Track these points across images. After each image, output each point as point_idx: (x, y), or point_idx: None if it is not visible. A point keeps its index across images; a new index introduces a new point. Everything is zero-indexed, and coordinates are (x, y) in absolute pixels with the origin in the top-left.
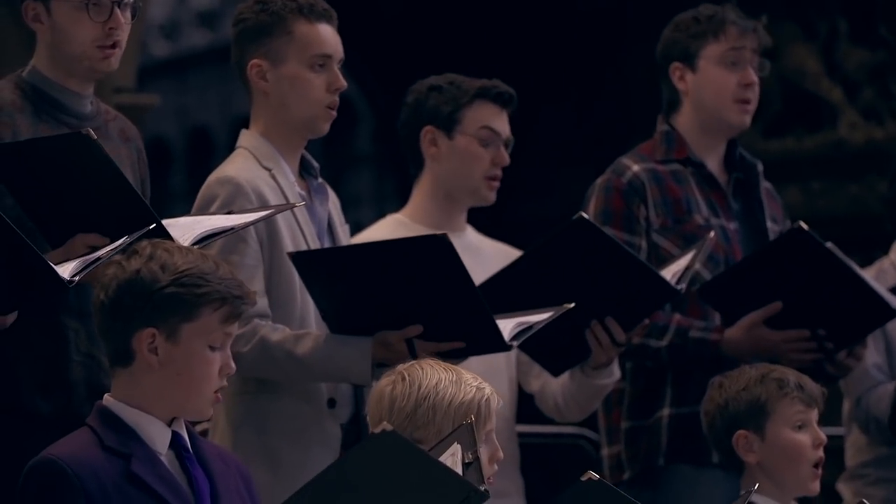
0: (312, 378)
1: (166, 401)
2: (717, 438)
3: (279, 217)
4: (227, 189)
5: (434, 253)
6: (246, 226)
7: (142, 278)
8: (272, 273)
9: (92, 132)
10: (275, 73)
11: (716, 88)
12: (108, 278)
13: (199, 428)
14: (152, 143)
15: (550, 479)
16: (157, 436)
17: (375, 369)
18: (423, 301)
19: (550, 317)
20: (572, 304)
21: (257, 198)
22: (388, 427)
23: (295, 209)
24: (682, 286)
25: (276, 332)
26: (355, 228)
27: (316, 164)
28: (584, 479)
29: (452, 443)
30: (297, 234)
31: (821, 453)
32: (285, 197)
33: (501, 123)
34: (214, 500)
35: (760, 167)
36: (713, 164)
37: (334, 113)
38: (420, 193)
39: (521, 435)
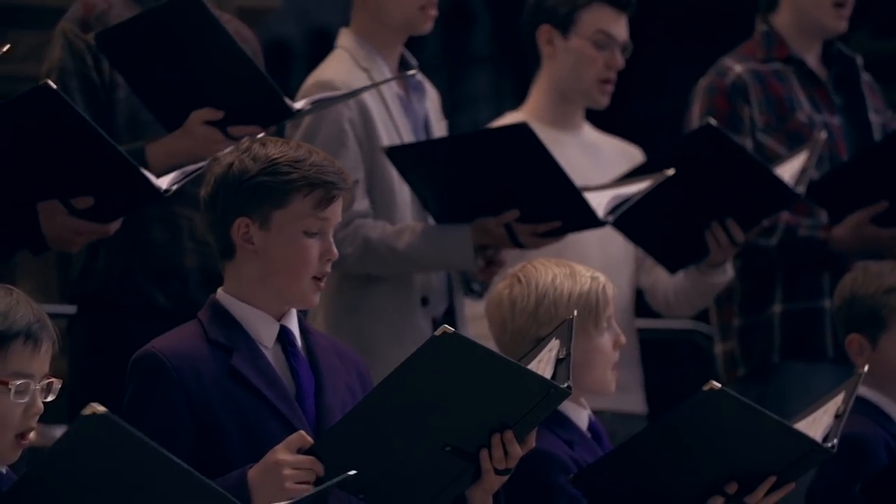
0: (417, 268)
1: (268, 290)
2: (835, 330)
3: (376, 116)
4: (325, 92)
5: (519, 141)
6: (350, 96)
7: (233, 170)
8: (372, 171)
9: None
10: None
11: None
12: (209, 174)
13: None
14: (273, 45)
15: (665, 373)
16: (264, 329)
17: (476, 253)
18: (516, 186)
19: (649, 187)
20: (671, 171)
21: (354, 100)
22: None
23: (392, 108)
24: (801, 189)
25: (377, 229)
26: (473, 126)
27: (414, 62)
28: (706, 388)
29: (552, 338)
30: (392, 131)
31: None
32: (381, 97)
33: (618, 27)
34: (318, 395)
35: (860, 60)
36: (812, 60)
37: (433, 12)
38: (537, 92)
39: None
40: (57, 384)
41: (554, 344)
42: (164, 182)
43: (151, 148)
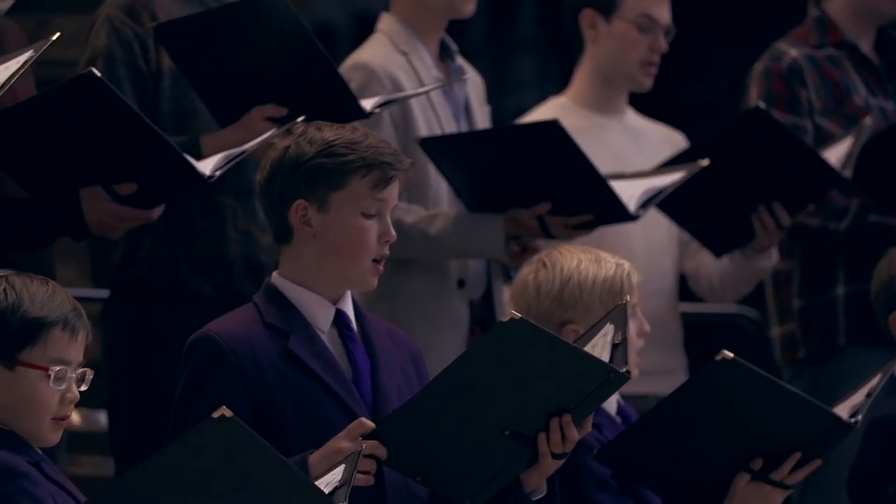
0: (448, 255)
1: (326, 273)
2: (879, 313)
3: (414, 100)
4: (361, 75)
5: (550, 138)
6: (417, 94)
7: (290, 154)
8: (407, 154)
9: None
10: None
11: None
12: (265, 159)
13: None
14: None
15: (710, 358)
16: (320, 313)
17: (508, 244)
18: (548, 180)
19: (682, 178)
20: (706, 162)
21: (391, 83)
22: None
23: (430, 91)
24: (848, 172)
25: (410, 214)
26: (517, 111)
27: (454, 47)
28: (718, 358)
29: (606, 323)
30: (431, 115)
31: None
32: (420, 81)
33: (661, 11)
34: (374, 379)
35: None
36: (866, 46)
37: None
38: (580, 76)
39: (681, 314)
40: (90, 374)
41: (608, 329)
42: (207, 168)
43: (206, 140)
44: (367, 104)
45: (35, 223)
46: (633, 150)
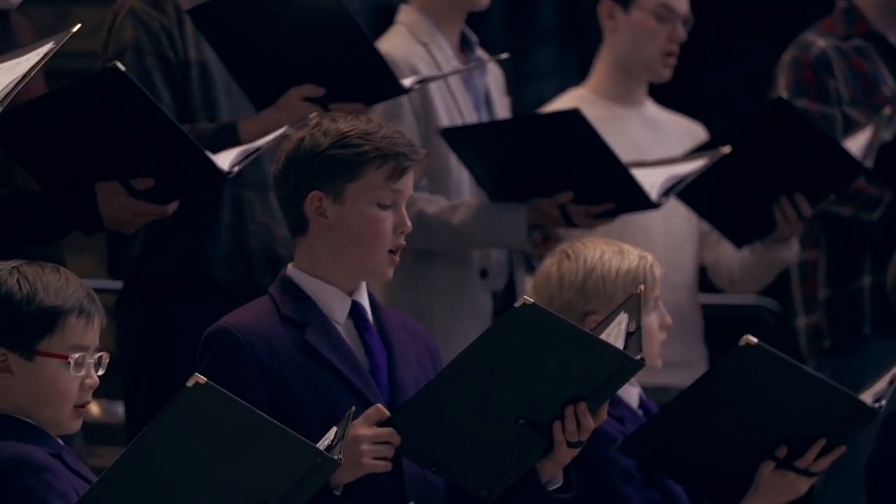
0: (470, 245)
1: (342, 264)
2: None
3: (434, 90)
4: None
5: (571, 126)
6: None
7: (305, 145)
8: (428, 145)
9: None
10: None
11: None
12: (279, 151)
13: None
14: None
15: (730, 349)
16: (336, 305)
17: (530, 232)
18: (570, 169)
19: (704, 166)
20: (728, 149)
21: (412, 74)
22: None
23: (451, 82)
24: (869, 163)
25: (432, 204)
26: (537, 103)
27: (474, 38)
28: (741, 343)
29: (620, 312)
30: (452, 106)
31: None
32: (441, 72)
33: (679, 1)
34: (391, 371)
35: None
36: (893, 37)
37: None
38: (600, 67)
39: (701, 305)
40: (106, 358)
41: (623, 318)
42: (225, 163)
43: (244, 124)
44: (406, 82)
45: (48, 217)
46: (653, 142)
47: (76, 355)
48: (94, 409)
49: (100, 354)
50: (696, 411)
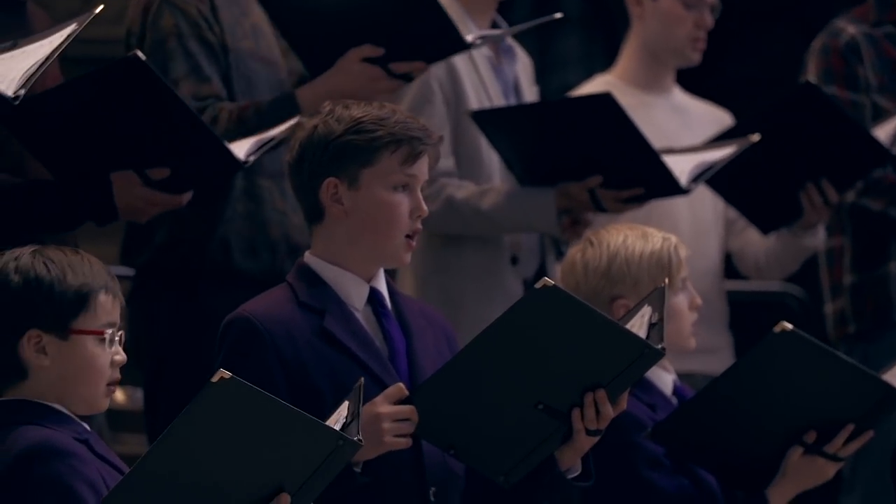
0: (500, 230)
1: (360, 250)
2: None
3: (465, 77)
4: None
5: (603, 110)
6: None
7: (318, 132)
8: (458, 131)
9: None
10: None
11: None
12: (294, 139)
13: None
14: None
15: (757, 336)
16: (354, 291)
17: (560, 217)
18: (600, 153)
19: (734, 153)
20: (757, 137)
21: (444, 60)
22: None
23: (481, 70)
24: None
25: (462, 189)
26: (563, 89)
27: (505, 25)
28: (776, 329)
29: (644, 305)
30: (482, 93)
31: None
32: (472, 60)
33: None
34: (410, 357)
35: None
36: None
37: None
38: (627, 54)
39: (727, 292)
40: (122, 335)
41: (646, 310)
42: (242, 152)
43: (301, 92)
44: (469, 37)
45: (61, 206)
46: (680, 129)
47: (109, 331)
48: (119, 395)
49: (120, 332)
50: (727, 398)
